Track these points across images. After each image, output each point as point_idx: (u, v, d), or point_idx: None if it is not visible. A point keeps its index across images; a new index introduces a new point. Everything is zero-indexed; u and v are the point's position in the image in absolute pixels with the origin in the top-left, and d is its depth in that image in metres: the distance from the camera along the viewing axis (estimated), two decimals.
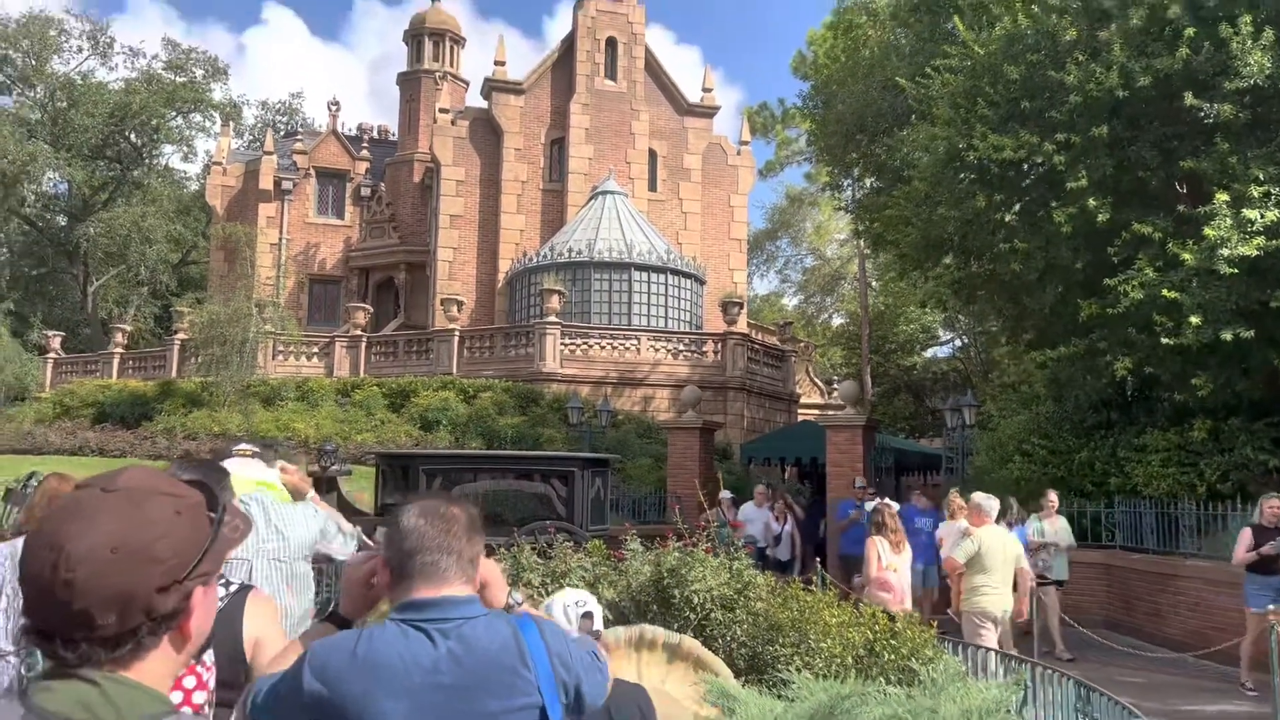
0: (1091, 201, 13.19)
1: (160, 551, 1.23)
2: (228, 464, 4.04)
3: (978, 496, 9.59)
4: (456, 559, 1.98)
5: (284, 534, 3.90)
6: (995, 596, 9.06)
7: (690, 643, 6.37)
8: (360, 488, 17.38)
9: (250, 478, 4.12)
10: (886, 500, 11.25)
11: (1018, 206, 14.46)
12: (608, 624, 6.71)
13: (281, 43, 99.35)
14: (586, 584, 6.63)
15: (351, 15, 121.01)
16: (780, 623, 6.75)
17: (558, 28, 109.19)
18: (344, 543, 4.33)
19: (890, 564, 9.65)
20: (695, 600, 6.80)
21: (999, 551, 9.12)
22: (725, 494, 15.06)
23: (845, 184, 21.50)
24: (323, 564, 6.23)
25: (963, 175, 14.62)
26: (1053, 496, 12.93)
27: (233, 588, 2.73)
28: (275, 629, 2.75)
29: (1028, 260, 14.16)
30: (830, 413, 21.21)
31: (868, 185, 22.60)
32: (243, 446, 4.16)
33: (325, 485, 12.89)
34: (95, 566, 1.18)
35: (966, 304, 16.52)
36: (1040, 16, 13.38)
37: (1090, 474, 15.60)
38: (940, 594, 12.85)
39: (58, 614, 1.18)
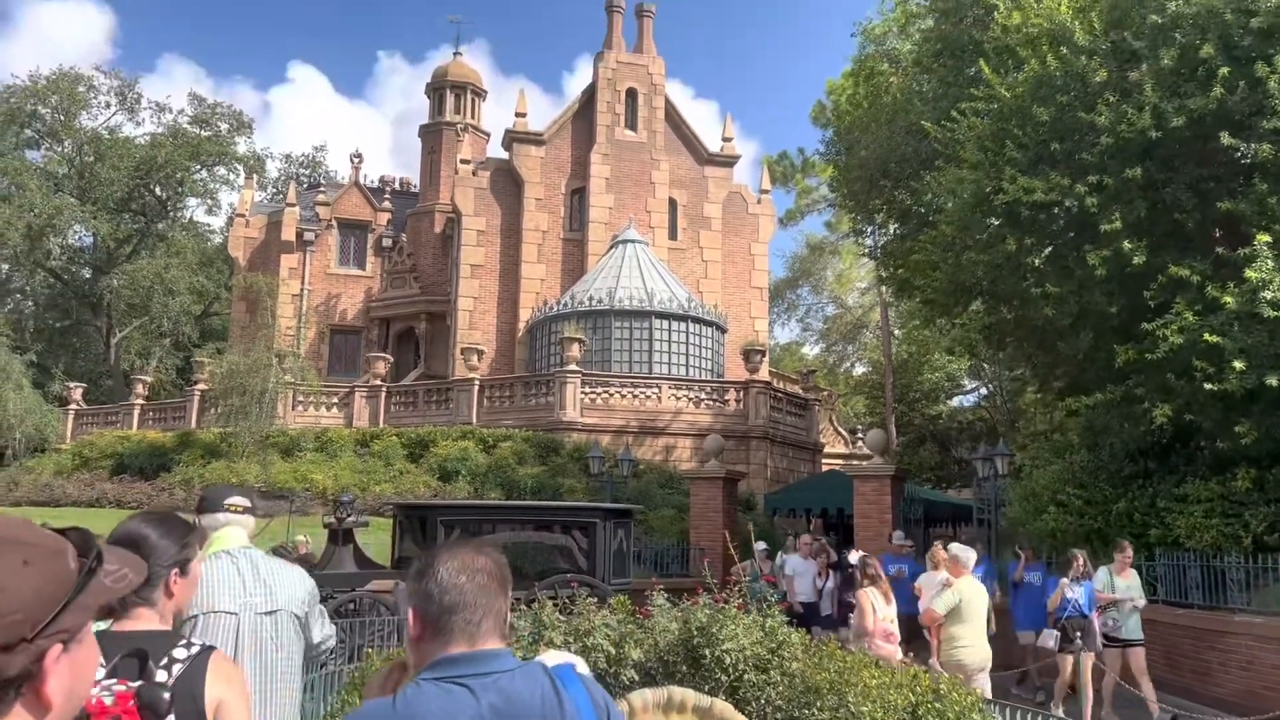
0: (1126, 244, 12.87)
1: None
2: (218, 521, 3.79)
3: (955, 547, 9.66)
4: (495, 616, 1.97)
5: (272, 589, 3.73)
6: (972, 649, 9.03)
7: (722, 706, 5.99)
8: (375, 539, 17.05)
9: (235, 541, 3.81)
10: (866, 554, 11.15)
11: (1048, 250, 14.13)
12: (633, 685, 6.34)
13: (306, 100, 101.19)
14: (611, 642, 6.26)
15: (375, 72, 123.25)
16: (817, 685, 6.35)
17: (577, 83, 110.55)
18: (323, 626, 4.11)
19: (885, 615, 9.39)
20: (727, 660, 6.41)
21: (977, 603, 9.13)
22: (760, 546, 14.41)
23: (869, 230, 21.23)
24: None
25: (991, 219, 14.34)
26: (1127, 549, 12.10)
27: (194, 649, 2.53)
28: (239, 691, 2.57)
29: (1060, 305, 13.81)
30: (856, 462, 20.85)
31: (891, 231, 22.36)
32: (234, 500, 3.86)
33: (342, 537, 12.58)
34: None
35: (996, 350, 16.15)
36: (1069, 58, 13.18)
37: (1129, 525, 15.05)
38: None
39: None
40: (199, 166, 43.43)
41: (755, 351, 28.37)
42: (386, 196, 38.70)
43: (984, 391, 39.31)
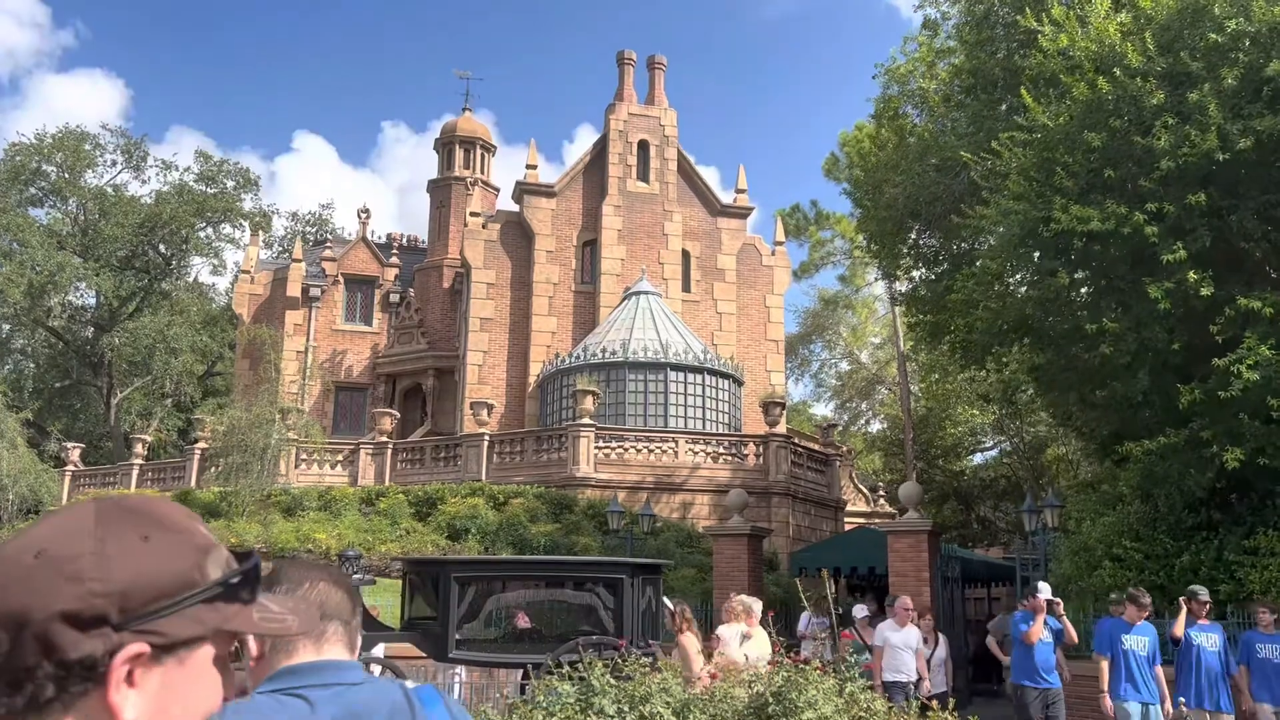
0: (1192, 275, 12.02)
1: (84, 568, 0.93)
2: None
3: (745, 599, 10.43)
4: (343, 624, 1.83)
5: None
6: None
7: None
8: (382, 600, 15.94)
9: None
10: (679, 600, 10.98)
11: (1102, 284, 13.26)
12: None
13: (312, 168, 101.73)
14: (672, 711, 5.25)
15: (380, 141, 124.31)
16: None
17: (576, 150, 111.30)
18: None
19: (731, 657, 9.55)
20: None
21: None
22: (860, 610, 12.73)
23: (896, 274, 20.42)
24: None
25: (1039, 252, 13.49)
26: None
27: None
28: None
29: (1118, 342, 12.90)
30: (879, 521, 19.82)
31: (917, 278, 21.53)
32: None
33: None
34: (10, 571, 0.93)
35: (1045, 392, 15.18)
36: (1122, 80, 12.45)
37: (1194, 580, 13.95)
38: None
39: None
40: (204, 223, 42.91)
41: (774, 404, 27.42)
42: (394, 252, 38.11)
43: (1006, 447, 38.17)
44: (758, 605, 10.07)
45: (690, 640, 8.78)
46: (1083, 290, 13.13)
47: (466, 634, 12.01)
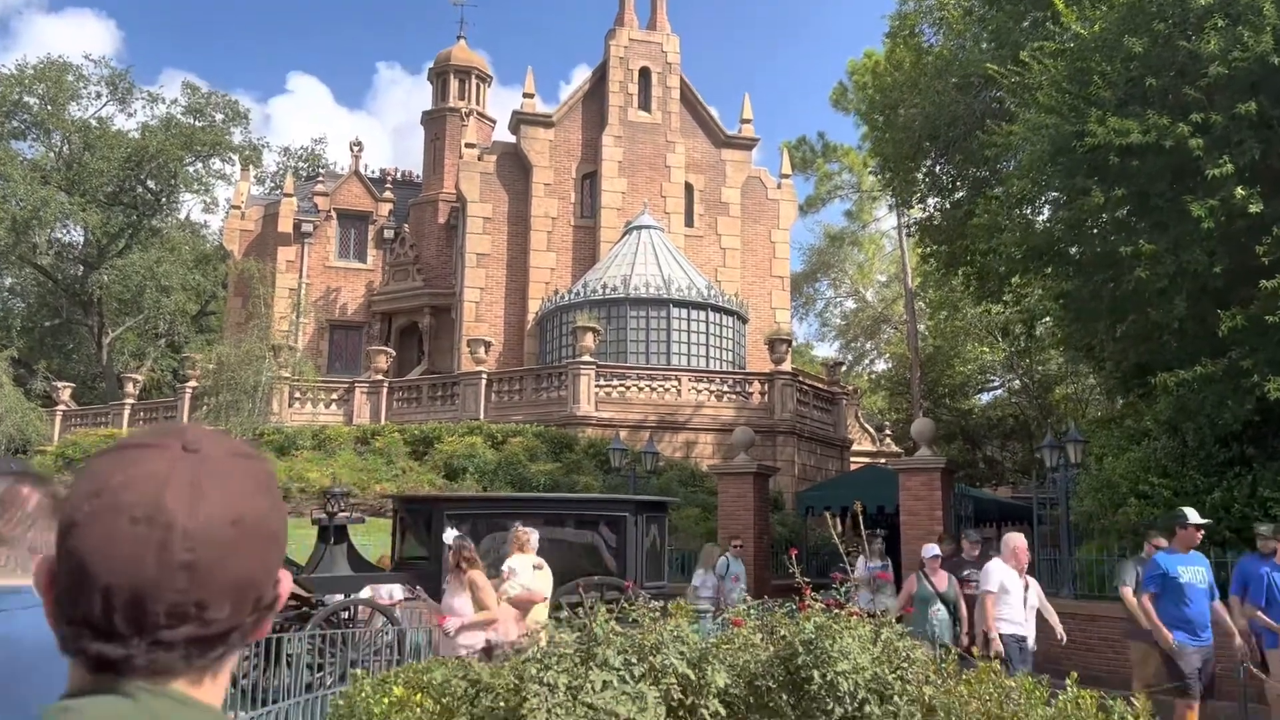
0: (1239, 191, 11.13)
1: (275, 525, 1.00)
2: None
3: (529, 528, 9.68)
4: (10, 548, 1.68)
5: None
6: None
7: None
8: (375, 540, 15.33)
9: None
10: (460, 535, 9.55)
11: (1139, 204, 12.37)
12: None
13: (306, 109, 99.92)
14: (687, 663, 4.53)
15: (375, 83, 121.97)
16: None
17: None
18: None
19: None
20: (843, 687, 4.67)
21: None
22: (931, 549, 10.87)
23: (911, 200, 19.44)
24: None
25: (1072, 170, 12.58)
26: None
27: None
28: None
29: (1155, 265, 12.04)
30: (881, 459, 19.20)
31: (931, 207, 20.58)
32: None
33: (334, 533, 10.84)
34: (219, 545, 0.93)
35: (1071, 322, 14.36)
36: None
37: (1227, 518, 13.29)
38: None
39: (157, 607, 0.91)
40: (193, 158, 41.67)
41: (780, 341, 26.64)
42: (388, 187, 37.01)
43: (1015, 385, 37.46)
44: (535, 535, 9.53)
45: (484, 577, 8.12)
46: (1118, 212, 12.22)
47: None
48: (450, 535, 8.41)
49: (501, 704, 4.32)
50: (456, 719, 4.49)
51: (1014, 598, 9.26)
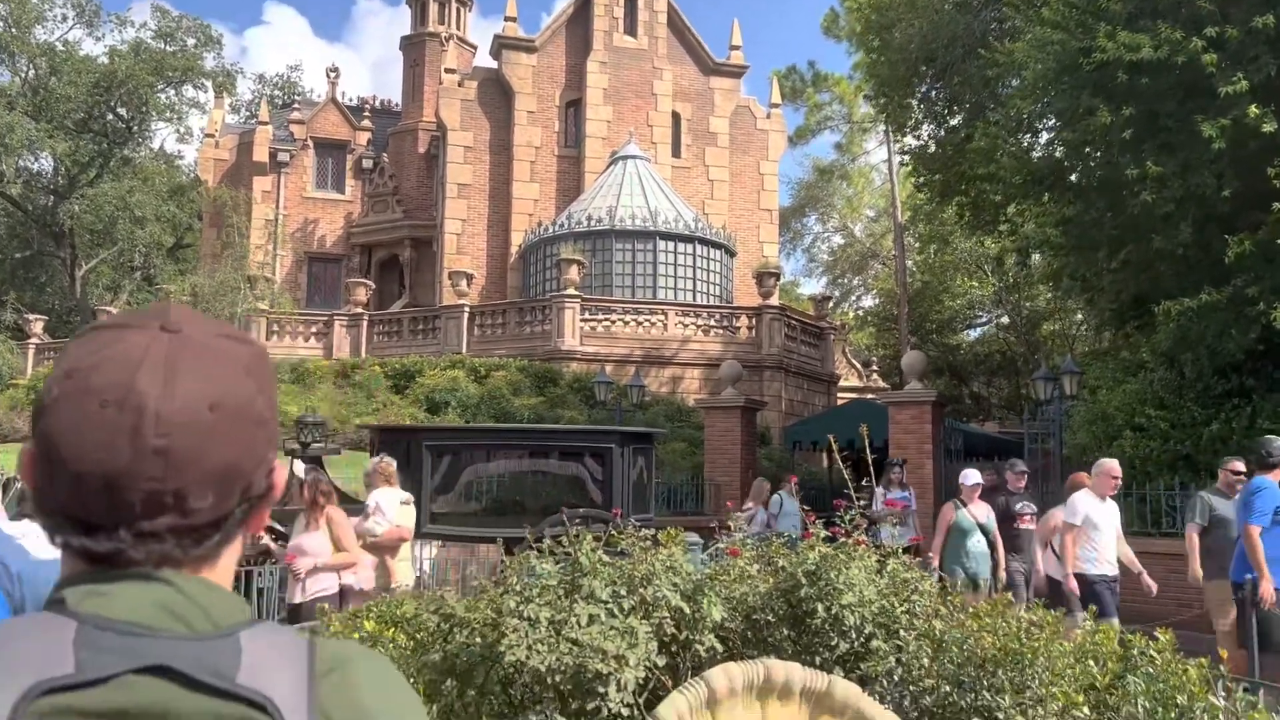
0: (1252, 110, 10.65)
1: (262, 409, 0.93)
2: None
3: (391, 459, 8.86)
4: None
5: None
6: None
7: (845, 689, 3.89)
8: (356, 474, 14.94)
9: None
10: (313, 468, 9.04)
11: (1147, 125, 11.87)
12: (715, 658, 4.24)
13: (283, 42, 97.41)
14: (681, 596, 4.15)
15: (353, 14, 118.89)
16: (989, 656, 4.24)
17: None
18: None
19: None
20: (849, 621, 4.30)
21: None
22: (971, 475, 9.74)
23: (906, 127, 18.84)
24: None
25: (1078, 88, 12.05)
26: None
27: None
28: None
29: (1162, 189, 11.59)
30: (868, 394, 18.90)
31: (925, 134, 19.98)
32: None
33: (308, 465, 10.41)
34: (196, 430, 0.87)
35: (1069, 251, 13.93)
36: None
37: (1224, 451, 13.04)
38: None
39: (132, 496, 0.86)
40: (164, 84, 40.35)
41: (768, 274, 26.17)
42: (366, 115, 35.98)
43: (1003, 321, 37.16)
44: (394, 464, 8.74)
45: (342, 514, 7.27)
46: (1124, 133, 11.72)
47: (442, 507, 11.03)
48: (301, 468, 7.45)
49: (478, 640, 3.93)
50: (430, 654, 4.10)
51: (1104, 534, 8.07)
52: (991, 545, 9.39)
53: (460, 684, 4.01)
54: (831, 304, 38.81)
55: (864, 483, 11.60)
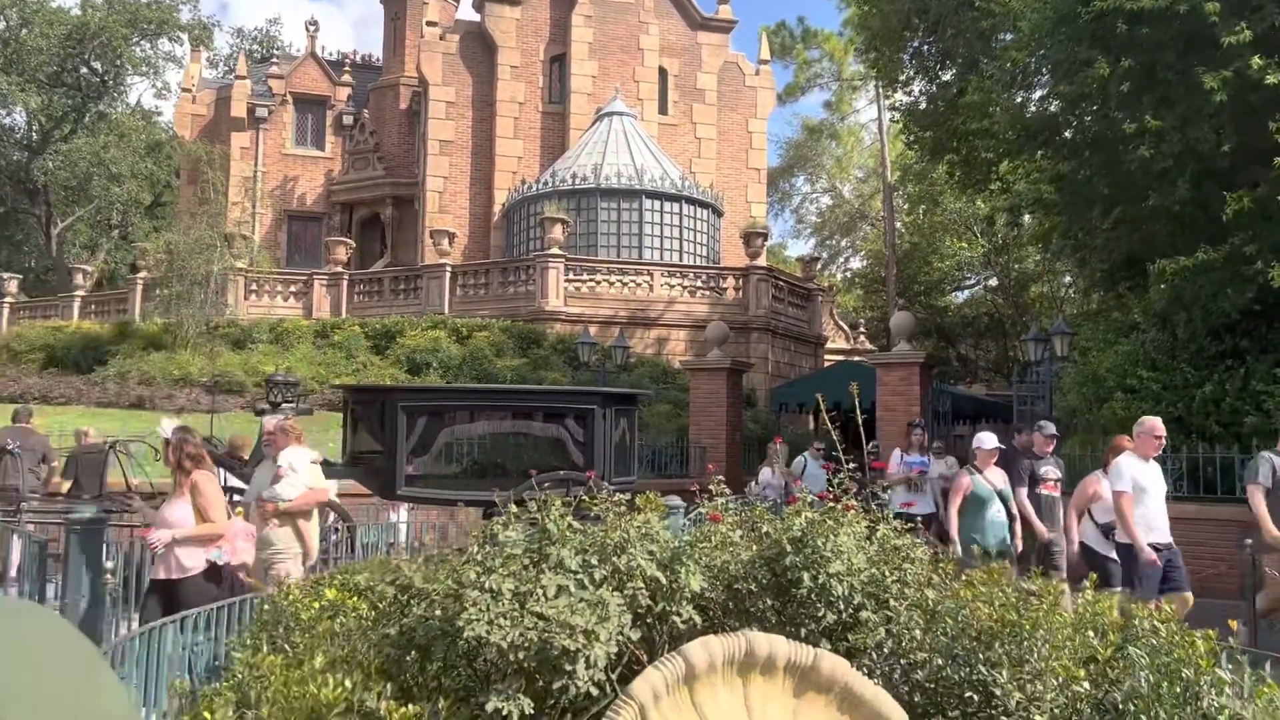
0: (1255, 60, 10.31)
1: None
2: None
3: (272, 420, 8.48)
4: None
5: None
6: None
7: (833, 663, 3.64)
8: (336, 437, 14.60)
9: None
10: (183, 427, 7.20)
11: (1145, 78, 11.52)
12: (693, 631, 3.97)
13: None
14: (657, 565, 3.86)
15: None
16: (984, 628, 3.98)
17: None
18: None
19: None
20: (836, 590, 4.03)
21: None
22: (987, 439, 9.01)
23: (898, 83, 18.41)
24: None
25: (1075, 40, 11.67)
26: None
27: None
28: None
29: (1160, 143, 11.26)
30: (855, 356, 18.66)
31: (917, 91, 19.56)
32: None
33: None
34: None
35: (1062, 210, 13.61)
36: None
37: (1216, 413, 12.86)
38: None
39: None
40: (139, 37, 39.39)
41: (756, 234, 25.78)
42: (346, 70, 35.20)
43: (992, 283, 36.92)
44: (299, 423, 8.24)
45: (210, 480, 6.30)
46: (1122, 86, 11.37)
47: (418, 469, 10.73)
48: (167, 426, 6.56)
49: (437, 613, 3.62)
50: (387, 627, 3.80)
51: (1152, 497, 7.46)
52: (1011, 516, 8.79)
53: (421, 658, 3.71)
54: (819, 265, 38.47)
55: (871, 447, 11.15)
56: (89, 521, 6.95)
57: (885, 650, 4.13)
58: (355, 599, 5.08)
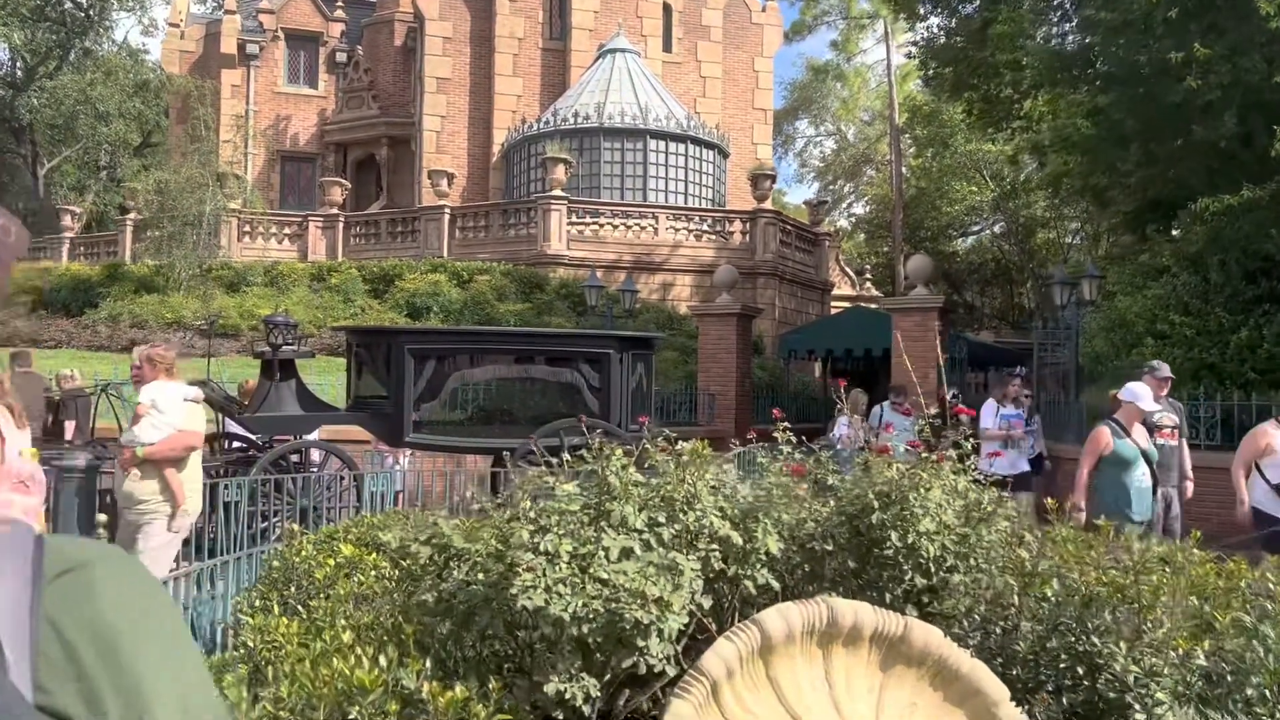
0: None
1: None
2: None
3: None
4: None
5: None
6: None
7: (925, 632, 3.17)
8: (334, 380, 14.11)
9: None
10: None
11: (1192, 4, 10.87)
12: (768, 597, 3.52)
13: None
14: (731, 523, 3.39)
15: None
16: (1094, 594, 3.51)
17: None
18: None
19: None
20: (926, 551, 3.56)
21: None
22: (1137, 391, 7.38)
23: (917, 13, 17.62)
24: None
25: None
26: None
27: None
28: None
29: (1207, 74, 10.65)
30: (862, 302, 18.11)
31: (935, 26, 18.80)
32: None
33: (280, 368, 9.58)
34: None
35: (1103, 141, 12.98)
36: None
37: (1253, 359, 12.40)
38: None
39: None
40: None
41: (764, 177, 25.10)
42: (339, 5, 34.07)
43: (999, 229, 36.29)
44: (173, 352, 6.77)
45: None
46: (1169, 13, 10.72)
47: (425, 415, 10.25)
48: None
49: (480, 577, 3.13)
50: (419, 596, 3.32)
51: None
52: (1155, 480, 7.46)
53: (457, 628, 3.22)
54: (826, 207, 37.76)
55: (952, 396, 10.38)
56: (83, 470, 6.49)
57: (977, 618, 3.68)
58: (376, 555, 4.61)
